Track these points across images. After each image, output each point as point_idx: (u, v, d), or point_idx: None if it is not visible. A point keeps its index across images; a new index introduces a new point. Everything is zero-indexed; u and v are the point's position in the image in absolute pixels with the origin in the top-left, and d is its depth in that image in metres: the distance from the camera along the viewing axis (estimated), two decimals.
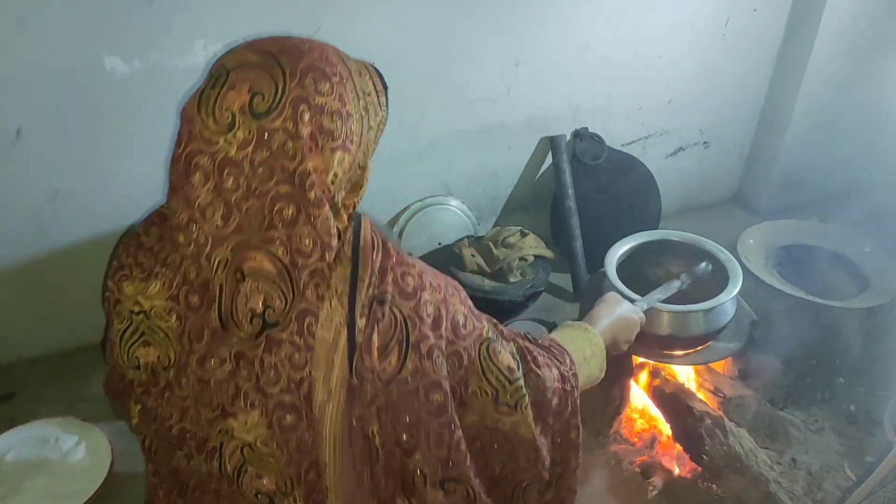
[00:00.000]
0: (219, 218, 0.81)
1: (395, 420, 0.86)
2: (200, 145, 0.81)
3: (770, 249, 2.02)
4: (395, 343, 0.85)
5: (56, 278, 1.66)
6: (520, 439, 0.95)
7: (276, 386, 0.83)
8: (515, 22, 1.79)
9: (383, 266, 0.86)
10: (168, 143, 1.66)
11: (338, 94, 0.82)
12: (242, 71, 0.80)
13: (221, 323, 0.83)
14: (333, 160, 0.82)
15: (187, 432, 0.90)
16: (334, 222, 0.83)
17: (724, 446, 1.42)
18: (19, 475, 1.40)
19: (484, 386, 0.92)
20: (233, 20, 1.52)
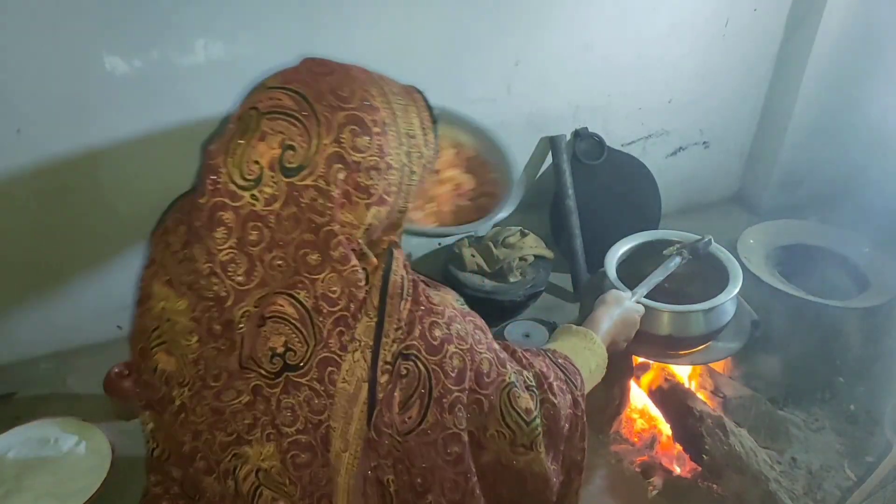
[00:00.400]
0: (242, 274, 0.79)
1: (411, 466, 0.86)
2: (225, 199, 0.78)
3: (770, 249, 2.02)
4: (416, 398, 0.83)
5: (56, 278, 1.66)
6: (531, 473, 0.96)
7: (292, 427, 0.81)
8: (516, 21, 1.79)
9: (411, 317, 0.84)
10: (168, 142, 1.67)
11: (377, 147, 0.80)
12: (275, 120, 0.77)
13: (241, 365, 0.82)
14: (367, 215, 0.81)
15: (199, 452, 0.88)
16: (363, 271, 0.81)
17: (724, 446, 1.42)
18: (20, 474, 1.40)
19: (502, 429, 0.92)
20: (234, 19, 1.52)
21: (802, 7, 2.10)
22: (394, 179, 0.83)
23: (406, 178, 0.85)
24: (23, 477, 1.40)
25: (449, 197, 1.42)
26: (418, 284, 0.88)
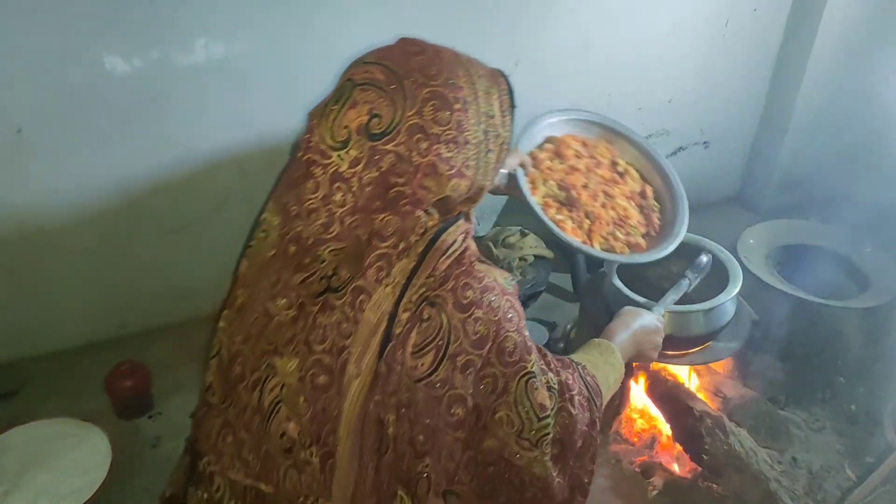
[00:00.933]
0: (320, 225, 0.87)
1: (415, 420, 0.87)
2: (317, 156, 0.87)
3: (770, 249, 2.02)
4: (433, 347, 0.86)
5: (57, 278, 1.66)
6: (532, 476, 0.94)
7: (321, 345, 0.86)
8: (516, 21, 1.79)
9: (448, 272, 0.87)
10: (168, 141, 1.68)
11: (456, 123, 0.86)
12: (366, 90, 0.85)
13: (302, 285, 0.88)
14: (448, 186, 0.86)
15: (240, 356, 0.94)
16: (427, 219, 0.86)
17: (724, 445, 1.42)
18: (20, 473, 1.40)
19: (512, 416, 0.91)
20: (234, 18, 1.53)
21: (802, 7, 2.10)
22: (471, 154, 0.88)
23: (483, 155, 0.90)
24: (23, 476, 1.40)
25: (609, 222, 1.46)
26: (468, 251, 0.91)
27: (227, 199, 1.74)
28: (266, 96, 1.64)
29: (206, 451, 0.99)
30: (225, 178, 1.71)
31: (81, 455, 1.45)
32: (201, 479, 1.01)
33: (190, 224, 1.73)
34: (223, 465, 0.97)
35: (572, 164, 1.52)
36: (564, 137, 1.57)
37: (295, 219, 0.90)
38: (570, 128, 1.61)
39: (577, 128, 1.61)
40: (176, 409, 1.62)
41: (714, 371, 1.69)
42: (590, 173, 1.52)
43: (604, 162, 1.57)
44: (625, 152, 1.61)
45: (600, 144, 1.60)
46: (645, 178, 1.59)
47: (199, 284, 1.82)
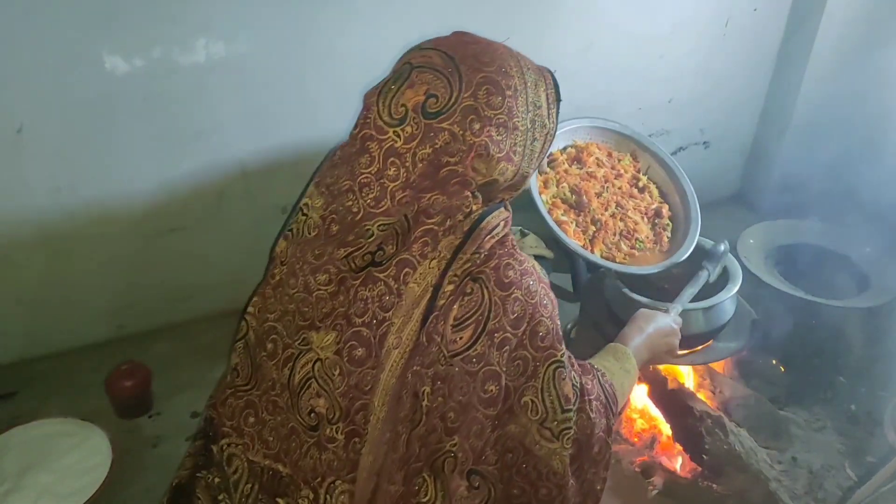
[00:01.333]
0: (372, 199, 0.90)
1: (449, 395, 0.89)
2: (373, 132, 0.90)
3: (770, 249, 2.02)
4: (472, 321, 0.88)
5: (57, 277, 1.66)
6: (550, 471, 0.95)
7: (361, 318, 0.89)
8: (516, 21, 1.79)
9: (492, 251, 0.90)
10: (168, 141, 1.68)
11: (507, 108, 0.90)
12: (423, 72, 0.89)
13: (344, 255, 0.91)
14: (496, 169, 0.90)
15: (274, 333, 0.97)
16: (472, 201, 0.89)
17: (724, 445, 1.42)
18: (20, 474, 1.40)
19: (537, 403, 0.92)
20: (234, 18, 1.53)
21: (802, 7, 2.10)
22: (519, 140, 0.93)
23: (529, 143, 0.94)
24: (23, 476, 1.40)
25: (615, 232, 1.47)
26: (509, 236, 0.93)
27: (227, 199, 1.74)
28: (268, 95, 1.64)
29: (228, 433, 1.01)
30: (225, 177, 1.71)
31: (82, 455, 1.45)
32: (215, 462, 1.03)
33: (190, 224, 1.73)
34: (245, 445, 1.00)
35: (591, 171, 1.52)
36: (588, 145, 1.57)
37: (345, 194, 0.92)
38: (597, 136, 1.60)
39: (603, 136, 1.61)
40: (176, 410, 1.62)
41: (714, 371, 1.69)
42: (607, 183, 1.52)
43: (625, 175, 1.56)
44: (650, 168, 1.61)
45: (626, 157, 1.60)
46: (664, 196, 1.59)
47: (200, 284, 1.82)
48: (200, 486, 1.04)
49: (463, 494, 0.92)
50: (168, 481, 1.09)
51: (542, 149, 0.98)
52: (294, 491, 0.97)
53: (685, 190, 1.58)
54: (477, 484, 0.93)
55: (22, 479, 1.39)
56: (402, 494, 0.93)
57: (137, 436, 1.56)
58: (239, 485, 1.01)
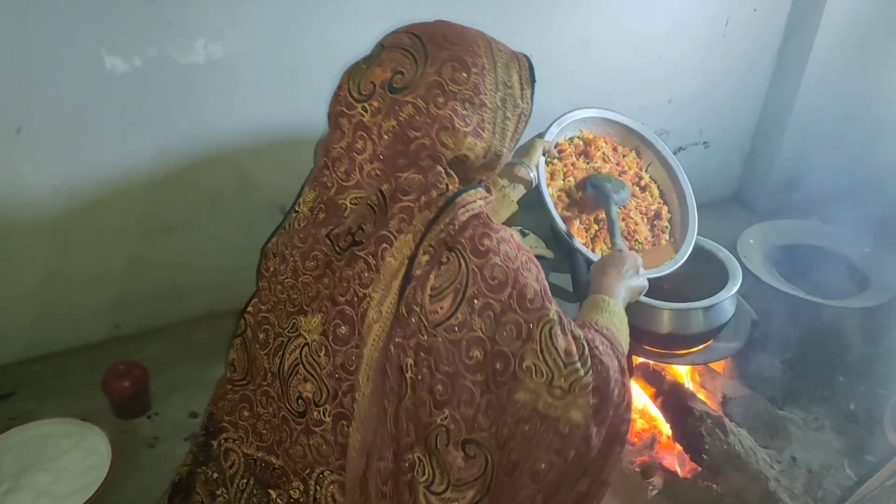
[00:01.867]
0: (342, 172, 0.94)
1: (435, 367, 0.90)
2: (343, 108, 0.93)
3: (770, 249, 2.02)
4: (451, 290, 0.89)
5: (54, 277, 1.66)
6: (571, 426, 0.93)
7: (344, 297, 0.92)
8: (516, 21, 1.79)
9: (467, 223, 0.91)
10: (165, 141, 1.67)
11: (473, 84, 0.92)
12: (392, 52, 0.93)
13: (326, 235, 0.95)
14: (464, 143, 0.92)
15: (267, 322, 1.00)
16: (446, 179, 0.91)
17: (723, 445, 1.42)
18: (19, 474, 1.40)
19: (540, 365, 0.90)
20: (233, 18, 1.52)
21: (802, 7, 2.10)
22: (488, 118, 0.94)
23: (500, 120, 0.96)
24: (22, 476, 1.40)
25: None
26: (486, 213, 0.94)
27: (223, 198, 1.74)
28: (263, 94, 1.64)
29: (226, 427, 1.03)
30: (220, 176, 1.71)
31: (80, 455, 1.45)
32: (214, 457, 1.04)
33: (185, 223, 1.73)
34: (240, 439, 1.02)
35: (597, 165, 1.51)
36: (596, 137, 1.55)
37: (321, 171, 0.96)
38: (605, 128, 1.59)
39: (611, 129, 1.59)
40: (174, 410, 1.62)
41: (714, 371, 1.69)
42: None
43: (629, 172, 1.56)
44: (651, 165, 1.60)
45: (630, 154, 1.59)
46: (663, 195, 1.59)
47: (195, 284, 1.82)
48: (200, 482, 1.05)
49: (460, 465, 0.92)
50: (165, 481, 1.09)
51: (517, 128, 0.99)
52: (285, 483, 0.99)
53: (684, 191, 1.57)
54: (473, 453, 0.92)
55: (20, 480, 1.39)
56: (393, 471, 0.93)
57: (134, 436, 1.56)
58: (235, 479, 1.02)
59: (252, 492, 1.02)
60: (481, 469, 0.93)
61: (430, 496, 0.93)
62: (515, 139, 1.00)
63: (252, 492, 1.02)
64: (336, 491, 0.96)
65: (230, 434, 1.04)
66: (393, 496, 0.94)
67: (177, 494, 1.07)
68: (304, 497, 0.98)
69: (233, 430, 1.04)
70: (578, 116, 1.54)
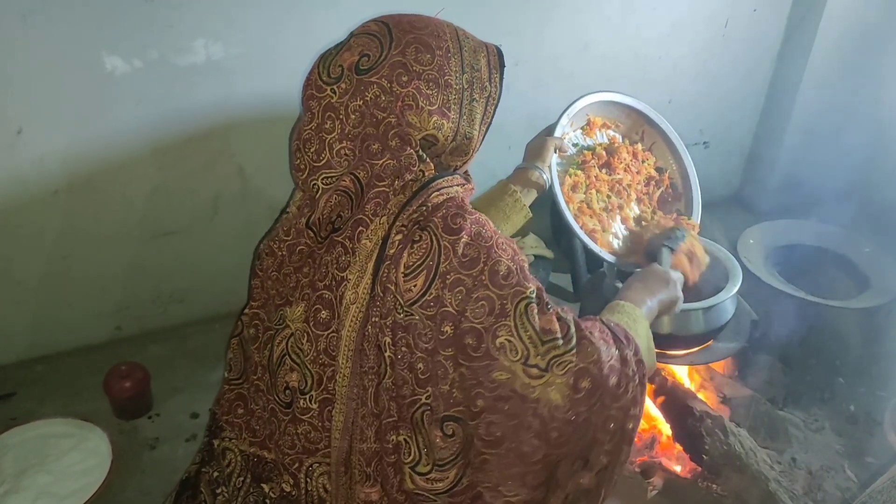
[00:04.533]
0: (313, 153, 0.96)
1: (414, 345, 0.91)
2: (314, 91, 0.96)
3: (770, 249, 2.02)
4: (423, 268, 0.90)
5: (55, 279, 1.66)
6: (551, 406, 0.90)
7: (323, 282, 0.94)
8: (516, 21, 1.79)
9: (440, 205, 0.93)
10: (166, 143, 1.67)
11: (438, 65, 0.95)
12: (360, 37, 0.97)
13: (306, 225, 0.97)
14: (430, 122, 0.94)
15: (258, 318, 1.03)
16: (420, 164, 0.93)
17: (724, 445, 1.42)
18: (19, 474, 1.40)
19: (514, 342, 0.89)
20: (234, 19, 1.53)
21: (802, 7, 2.10)
22: (453, 98, 0.96)
23: (467, 101, 0.97)
24: (22, 476, 1.40)
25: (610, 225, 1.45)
26: (464, 200, 0.96)
27: (224, 202, 1.74)
28: (264, 97, 1.64)
29: (224, 427, 1.06)
30: (222, 180, 1.71)
31: (81, 456, 1.45)
32: (215, 457, 1.06)
33: (186, 226, 1.73)
34: (236, 436, 1.04)
35: (618, 177, 1.48)
36: (619, 148, 1.51)
37: (294, 154, 0.98)
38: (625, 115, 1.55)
39: (631, 117, 1.56)
40: (174, 411, 1.62)
41: (714, 371, 1.69)
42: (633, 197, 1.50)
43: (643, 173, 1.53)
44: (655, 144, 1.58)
45: (650, 159, 1.56)
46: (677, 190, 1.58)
47: (196, 286, 1.82)
48: (204, 481, 1.07)
49: (440, 445, 0.92)
50: (166, 482, 1.10)
51: (486, 111, 1.00)
52: (277, 476, 1.00)
53: (692, 196, 1.57)
54: (451, 431, 0.92)
55: (20, 481, 1.39)
56: (377, 452, 0.94)
57: (135, 437, 1.56)
58: (232, 477, 1.04)
59: (249, 489, 1.03)
60: (460, 447, 0.93)
61: (416, 477, 0.94)
62: (486, 122, 1.01)
63: (249, 489, 1.03)
64: (326, 482, 0.98)
65: (227, 433, 1.06)
66: (377, 477, 0.95)
67: (184, 492, 1.09)
68: (296, 490, 0.99)
69: (229, 429, 1.05)
70: (585, 103, 1.51)
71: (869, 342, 1.76)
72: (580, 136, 1.51)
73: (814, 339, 1.73)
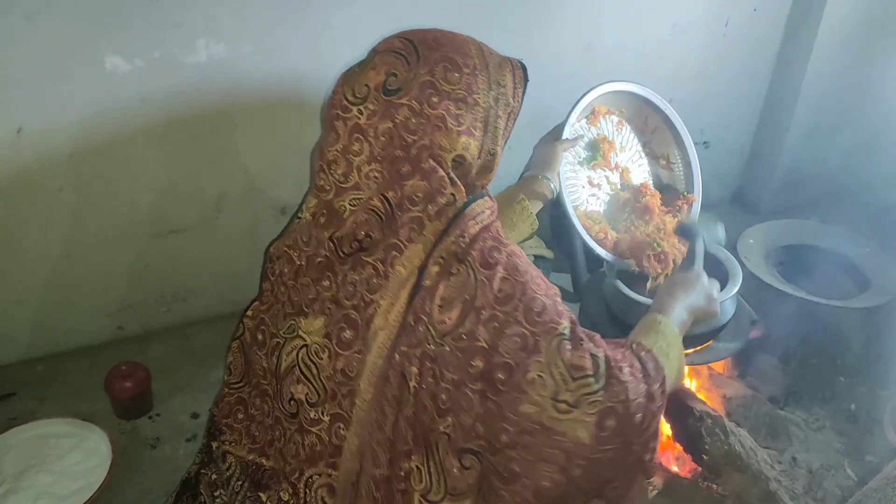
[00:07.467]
0: (340, 175, 0.94)
1: (440, 375, 0.90)
2: (339, 111, 0.95)
3: (770, 249, 2.02)
4: (459, 301, 0.90)
5: (57, 278, 1.66)
6: (577, 443, 0.90)
7: (350, 301, 0.93)
8: (517, 22, 1.79)
9: (477, 236, 0.92)
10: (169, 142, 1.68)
11: (466, 84, 0.94)
12: (385, 56, 0.95)
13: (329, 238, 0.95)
14: (458, 143, 0.93)
15: (264, 323, 1.02)
16: (451, 187, 0.92)
17: (724, 445, 1.42)
18: (20, 474, 1.40)
19: (545, 378, 0.89)
20: (234, 19, 1.53)
21: (802, 7, 2.10)
22: (480, 116, 0.95)
23: (492, 119, 0.97)
24: (22, 477, 1.40)
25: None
26: (495, 224, 0.96)
27: (228, 200, 1.74)
28: (270, 96, 1.64)
29: (224, 430, 1.06)
30: (226, 179, 1.71)
31: (81, 456, 1.45)
32: (214, 459, 1.06)
33: (190, 225, 1.73)
34: (235, 441, 1.04)
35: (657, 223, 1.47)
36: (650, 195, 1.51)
37: (318, 174, 0.96)
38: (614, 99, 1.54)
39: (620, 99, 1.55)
40: (175, 411, 1.62)
41: (714, 371, 1.69)
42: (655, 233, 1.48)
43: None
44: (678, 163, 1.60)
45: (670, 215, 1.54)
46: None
47: (199, 286, 1.82)
48: (204, 483, 1.07)
49: (456, 475, 0.92)
50: (166, 482, 1.10)
51: (507, 126, 1.00)
52: (276, 484, 1.00)
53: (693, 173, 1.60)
54: (469, 464, 0.92)
55: (21, 481, 1.39)
56: (387, 478, 0.93)
57: (136, 437, 1.56)
58: (231, 481, 1.04)
59: (246, 494, 1.03)
60: (475, 479, 0.93)
61: None
62: (506, 136, 1.01)
63: (246, 494, 1.03)
64: (325, 494, 0.97)
65: (226, 437, 1.06)
66: (386, 502, 0.94)
67: (185, 492, 1.09)
68: (294, 500, 0.99)
69: (229, 433, 1.06)
70: (590, 99, 1.51)
71: (869, 342, 1.76)
72: (585, 127, 1.51)
73: (814, 339, 1.73)
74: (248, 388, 1.04)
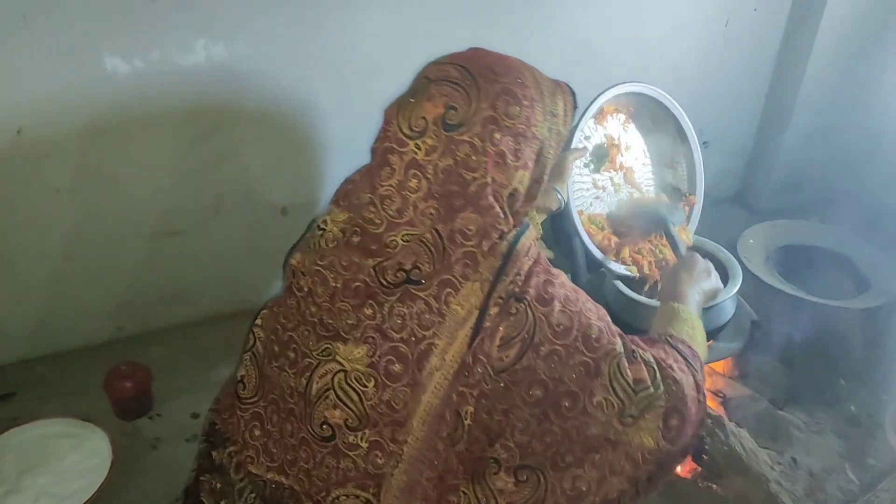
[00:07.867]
0: (394, 210, 0.91)
1: (493, 408, 0.90)
2: (394, 145, 0.90)
3: (770, 249, 2.02)
4: (518, 340, 0.90)
5: (57, 279, 1.66)
6: (645, 451, 0.95)
7: (399, 333, 0.90)
8: (516, 21, 1.79)
9: (530, 271, 0.92)
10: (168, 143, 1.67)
11: (525, 118, 0.91)
12: (441, 85, 0.90)
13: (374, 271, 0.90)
14: (515, 177, 0.91)
15: (294, 343, 0.97)
16: (503, 220, 0.90)
17: (724, 446, 1.42)
18: (20, 474, 1.40)
19: (610, 398, 0.93)
20: (234, 19, 1.52)
21: (802, 7, 2.10)
22: (535, 149, 0.93)
23: (545, 150, 0.95)
24: (23, 477, 1.40)
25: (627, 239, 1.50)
26: (542, 254, 0.96)
27: (227, 201, 1.74)
28: (266, 97, 1.64)
29: (233, 442, 1.03)
30: (226, 179, 1.71)
31: (81, 456, 1.45)
32: (217, 467, 1.04)
33: (190, 226, 1.73)
34: (248, 456, 1.01)
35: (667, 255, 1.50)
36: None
37: (366, 206, 0.92)
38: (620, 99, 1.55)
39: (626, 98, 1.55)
40: (176, 411, 1.62)
41: (714, 371, 1.69)
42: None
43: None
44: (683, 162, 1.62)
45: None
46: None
47: (199, 286, 1.82)
48: (205, 491, 1.05)
49: (511, 490, 0.93)
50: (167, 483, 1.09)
51: (555, 154, 0.98)
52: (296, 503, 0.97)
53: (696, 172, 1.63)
54: (525, 477, 0.94)
55: (21, 481, 1.39)
56: None
57: (137, 437, 1.56)
58: (244, 493, 1.01)
59: None
60: (533, 490, 0.94)
61: None
62: (552, 163, 1.00)
63: None
64: None
65: (237, 448, 1.03)
66: None
67: (187, 500, 1.08)
68: None
69: (241, 445, 1.03)
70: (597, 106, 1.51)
71: (870, 343, 1.76)
72: (592, 126, 1.51)
73: (814, 340, 1.73)
74: (264, 402, 1.02)
